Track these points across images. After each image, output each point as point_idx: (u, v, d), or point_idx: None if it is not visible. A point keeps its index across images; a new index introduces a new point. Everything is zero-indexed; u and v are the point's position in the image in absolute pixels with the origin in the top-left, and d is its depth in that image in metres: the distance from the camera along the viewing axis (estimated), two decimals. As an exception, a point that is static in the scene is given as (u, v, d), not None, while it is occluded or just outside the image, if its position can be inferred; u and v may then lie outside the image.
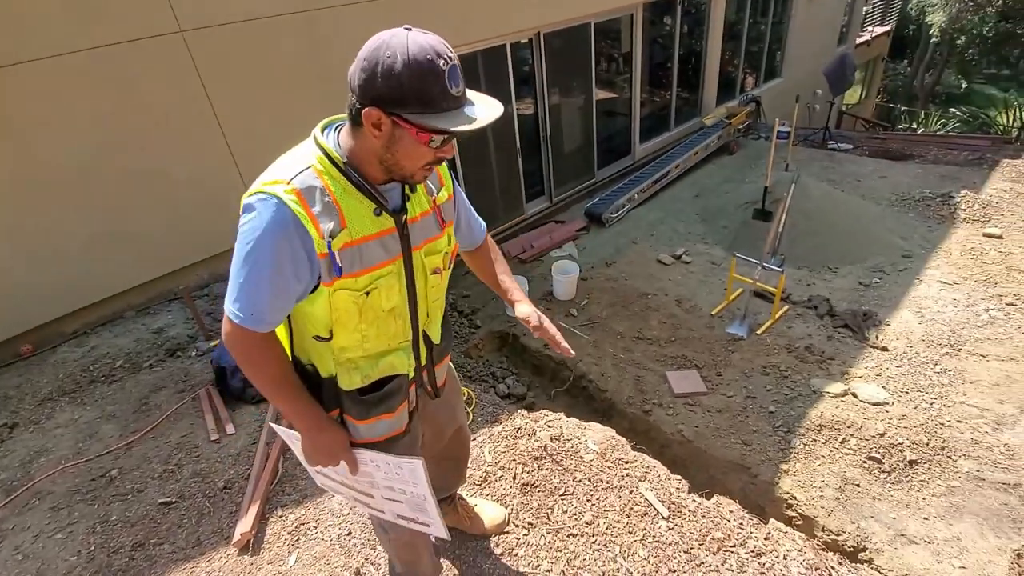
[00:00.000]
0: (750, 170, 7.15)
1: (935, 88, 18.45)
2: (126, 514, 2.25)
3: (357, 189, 1.07)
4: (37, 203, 3.20)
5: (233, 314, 1.07)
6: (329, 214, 1.04)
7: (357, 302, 1.11)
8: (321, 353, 1.20)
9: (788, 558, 1.94)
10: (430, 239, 1.22)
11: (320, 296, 1.10)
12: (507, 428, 2.54)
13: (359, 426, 1.27)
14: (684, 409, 3.55)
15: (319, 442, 1.22)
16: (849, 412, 3.29)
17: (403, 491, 1.32)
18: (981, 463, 2.93)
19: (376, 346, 1.20)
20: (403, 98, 0.95)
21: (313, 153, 1.06)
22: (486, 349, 4.53)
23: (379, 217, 1.10)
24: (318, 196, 1.03)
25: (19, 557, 2.12)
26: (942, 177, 6.39)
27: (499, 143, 5.74)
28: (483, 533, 2.01)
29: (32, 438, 2.72)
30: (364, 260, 1.09)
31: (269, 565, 2.01)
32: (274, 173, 1.05)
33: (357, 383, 1.21)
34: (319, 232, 1.03)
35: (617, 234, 5.98)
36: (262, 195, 1.02)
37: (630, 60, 6.89)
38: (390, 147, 1.02)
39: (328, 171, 1.05)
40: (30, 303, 3.33)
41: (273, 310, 1.09)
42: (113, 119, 3.29)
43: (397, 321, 1.21)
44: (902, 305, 4.31)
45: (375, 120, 0.98)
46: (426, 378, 1.39)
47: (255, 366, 1.14)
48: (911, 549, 2.60)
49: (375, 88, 0.95)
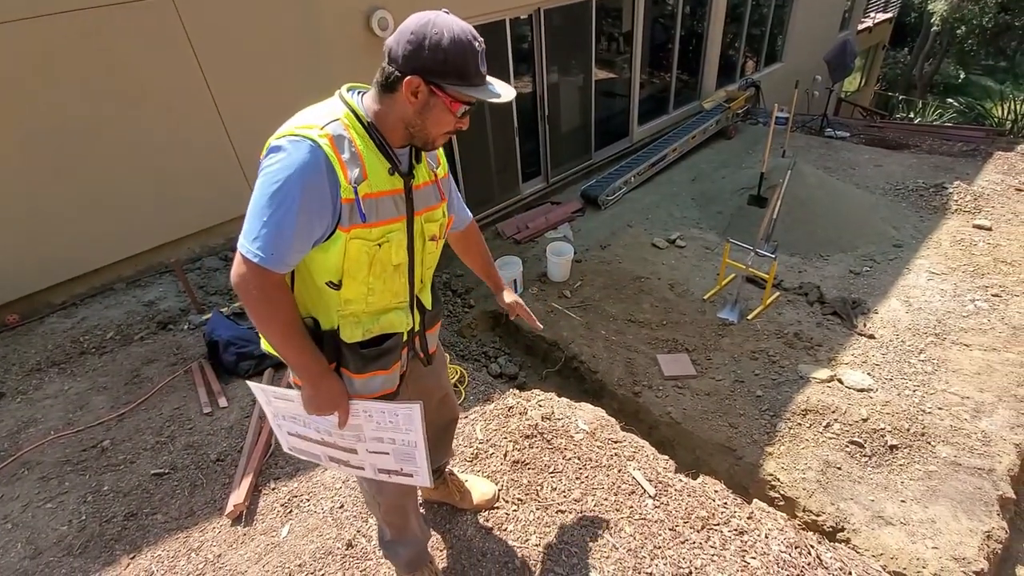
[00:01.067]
0: (747, 155, 7.14)
1: (933, 78, 18.40)
2: (118, 484, 2.27)
3: (377, 148, 1.15)
4: (22, 172, 3.13)
5: (252, 254, 1.08)
6: (355, 163, 1.11)
7: (369, 252, 1.17)
8: (326, 304, 1.23)
9: (770, 536, 2.00)
10: (430, 207, 1.30)
11: (336, 243, 1.14)
12: (499, 407, 2.57)
13: (355, 380, 1.31)
14: (673, 391, 3.60)
15: (322, 389, 1.25)
16: (834, 398, 3.35)
17: (392, 440, 1.36)
18: (958, 449, 3.01)
19: (379, 300, 1.25)
20: (445, 70, 1.07)
21: (341, 109, 1.14)
22: (479, 329, 4.54)
23: (392, 176, 1.18)
24: (347, 145, 1.10)
25: (8, 526, 2.13)
26: (936, 167, 6.42)
27: (497, 122, 5.68)
28: (473, 507, 2.05)
29: (20, 408, 2.71)
30: (380, 213, 1.16)
31: (262, 536, 2.04)
32: (306, 118, 1.11)
33: (359, 336, 1.26)
34: (346, 177, 1.09)
35: (612, 217, 5.97)
36: (294, 137, 1.07)
37: (631, 40, 6.80)
38: (422, 113, 1.12)
39: (354, 126, 1.13)
40: (15, 273, 3.28)
41: (295, 251, 1.11)
42: (101, 87, 3.20)
43: (401, 279, 1.28)
44: (891, 294, 4.36)
45: (415, 88, 1.08)
46: (419, 344, 1.46)
47: (271, 309, 1.15)
48: (887, 530, 2.68)
49: (421, 59, 1.06)
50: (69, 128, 3.19)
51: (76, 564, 1.99)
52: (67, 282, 3.48)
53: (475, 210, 5.92)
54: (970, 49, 16.81)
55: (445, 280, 5.09)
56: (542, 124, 6.15)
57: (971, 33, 15.81)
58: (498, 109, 5.62)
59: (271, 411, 1.40)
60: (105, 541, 2.06)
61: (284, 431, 1.45)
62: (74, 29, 3.03)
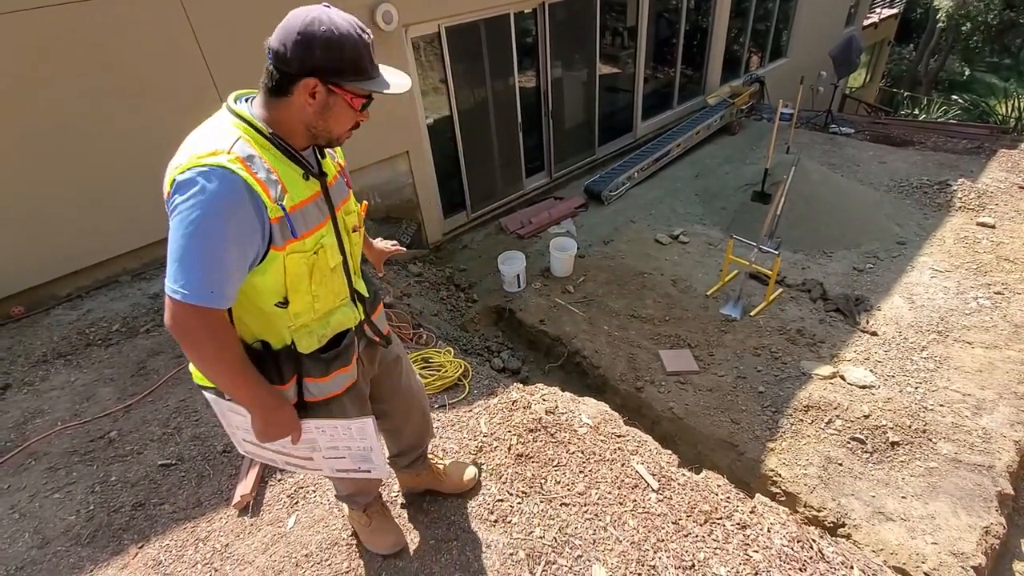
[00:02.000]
0: (751, 151, 7.13)
1: (938, 74, 18.31)
2: (126, 475, 2.28)
3: (286, 156, 1.12)
4: (25, 166, 3.14)
5: (184, 296, 1.02)
6: (271, 180, 1.08)
7: (308, 262, 1.16)
8: (274, 324, 1.21)
9: (772, 531, 2.01)
10: (344, 200, 1.30)
11: (272, 263, 1.11)
12: (503, 400, 2.58)
13: (320, 383, 1.32)
14: (675, 387, 3.61)
15: (275, 419, 1.24)
16: (836, 394, 3.37)
17: (348, 447, 1.38)
18: (959, 446, 3.02)
19: (324, 305, 1.26)
20: (341, 68, 1.04)
21: (234, 123, 1.08)
22: (482, 323, 4.56)
23: (308, 181, 1.16)
24: (259, 163, 1.06)
25: (15, 516, 2.15)
26: (940, 165, 6.41)
27: (500, 117, 5.67)
28: (457, 489, 2.07)
29: (26, 400, 2.73)
30: (308, 222, 1.15)
31: (269, 526, 2.06)
32: (207, 144, 1.03)
33: (315, 345, 1.27)
34: (269, 197, 1.06)
35: (616, 212, 5.97)
36: (202, 168, 1.00)
37: (635, 34, 6.78)
38: (323, 113, 1.09)
39: (256, 140, 1.08)
40: (20, 265, 3.29)
41: (233, 283, 1.07)
42: (102, 81, 3.20)
43: (338, 279, 1.29)
44: (894, 291, 4.37)
45: (312, 89, 1.05)
46: (369, 330, 1.47)
47: (216, 347, 1.10)
48: (888, 526, 2.70)
49: (314, 59, 1.02)
50: (71, 124, 3.19)
51: (84, 553, 2.01)
52: (72, 275, 3.49)
53: (478, 205, 5.97)
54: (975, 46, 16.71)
55: (448, 275, 5.10)
56: (546, 119, 6.14)
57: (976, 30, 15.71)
58: (502, 104, 5.61)
59: (225, 421, 1.39)
60: (113, 531, 2.08)
61: (239, 437, 1.44)
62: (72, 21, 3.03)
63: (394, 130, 4.70)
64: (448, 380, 2.70)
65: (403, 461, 1.88)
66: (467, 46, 5.04)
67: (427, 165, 5.18)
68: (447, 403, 2.59)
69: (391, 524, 1.90)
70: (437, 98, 5.11)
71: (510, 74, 5.53)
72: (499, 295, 4.72)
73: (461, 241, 5.74)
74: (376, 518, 1.85)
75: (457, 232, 5.79)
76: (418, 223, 5.29)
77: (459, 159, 5.50)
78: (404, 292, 4.14)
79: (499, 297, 4.69)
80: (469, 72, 5.20)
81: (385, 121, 4.56)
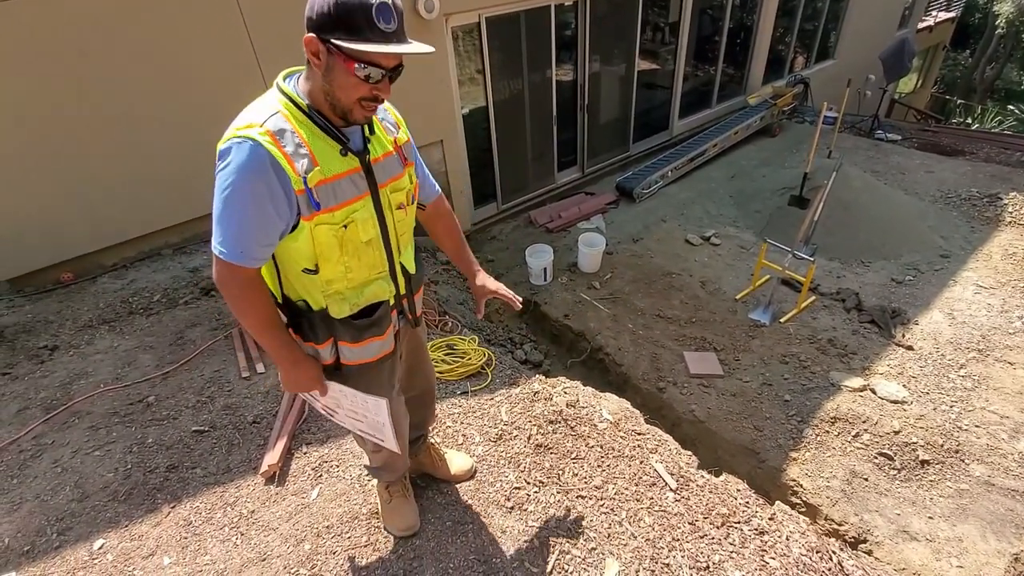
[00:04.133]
0: (790, 154, 6.94)
1: (995, 83, 17.45)
2: (161, 438, 2.39)
3: (323, 131, 1.16)
4: (80, 141, 3.28)
5: (221, 253, 1.14)
6: (301, 154, 1.12)
7: (337, 235, 1.21)
8: (309, 288, 1.29)
9: (791, 539, 1.99)
10: (394, 177, 1.31)
11: (302, 232, 1.18)
12: (525, 391, 2.60)
13: (354, 348, 1.39)
14: (698, 390, 3.57)
15: (294, 375, 1.35)
16: (866, 407, 3.28)
17: (365, 416, 1.46)
18: (993, 469, 2.92)
19: (358, 276, 1.31)
20: (332, 24, 1.02)
21: (279, 100, 1.14)
22: (506, 315, 4.58)
23: (345, 157, 1.19)
24: (289, 137, 1.11)
25: (58, 470, 2.27)
26: (992, 177, 6.13)
27: (535, 109, 5.66)
28: (450, 478, 2.11)
29: (72, 361, 2.87)
30: (338, 196, 1.19)
31: (293, 496, 2.13)
32: (246, 118, 1.12)
33: (347, 312, 1.32)
34: (294, 170, 1.11)
35: (647, 210, 5.91)
36: (237, 139, 1.08)
37: (677, 30, 6.66)
38: (327, 76, 1.09)
39: (295, 115, 1.13)
40: (72, 234, 3.45)
41: (260, 246, 1.16)
42: (153, 58, 3.32)
43: (375, 252, 1.32)
44: (933, 305, 4.22)
45: (314, 48, 1.06)
46: (407, 306, 1.52)
47: (246, 303, 1.22)
48: (912, 545, 2.63)
49: (312, 15, 1.04)
50: (126, 103, 3.32)
51: (120, 509, 2.11)
52: (118, 245, 3.64)
53: (509, 197, 5.98)
54: (1037, 54, 15.87)
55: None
56: (581, 113, 6.10)
57: (1039, 37, 14.91)
58: (537, 97, 5.59)
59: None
60: (148, 490, 2.18)
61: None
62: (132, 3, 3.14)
63: (430, 118, 4.74)
64: (472, 368, 2.73)
65: None
66: (506, 37, 5.04)
67: (460, 155, 5.21)
68: (469, 390, 2.63)
69: (409, 507, 1.93)
70: (473, 88, 5.13)
71: (547, 67, 5.50)
72: (525, 287, 4.73)
73: (490, 232, 5.76)
74: (396, 498, 1.90)
75: (487, 223, 5.82)
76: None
77: (492, 150, 5.52)
78: (431, 279, 4.19)
79: (525, 290, 4.70)
80: (506, 63, 5.20)
81: (421, 109, 4.60)
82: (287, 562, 1.89)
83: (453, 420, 2.45)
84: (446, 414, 2.48)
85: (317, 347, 1.37)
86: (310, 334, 1.35)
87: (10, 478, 2.24)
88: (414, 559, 1.87)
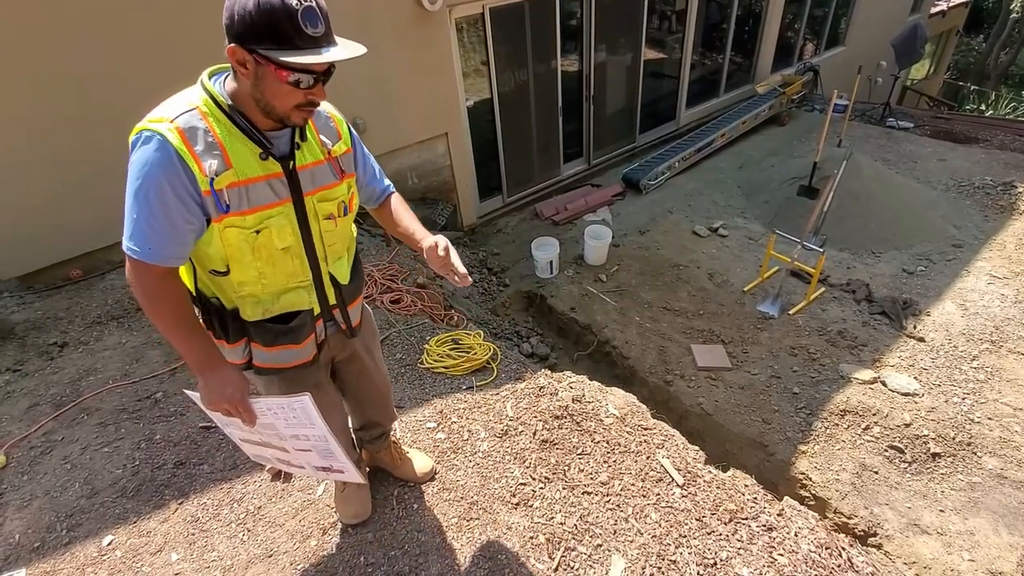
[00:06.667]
0: (799, 144, 6.85)
1: (1009, 68, 17.09)
2: (169, 434, 2.40)
3: (243, 132, 1.12)
4: (87, 138, 3.28)
5: (130, 250, 1.09)
6: (212, 154, 1.08)
7: (248, 240, 1.16)
8: (222, 287, 1.25)
9: (799, 535, 1.97)
10: (324, 187, 1.27)
11: (212, 233, 1.14)
12: (530, 386, 2.59)
13: (265, 352, 1.34)
14: (706, 383, 3.55)
15: (213, 382, 1.23)
16: (876, 400, 3.24)
17: (306, 436, 1.36)
18: (1006, 461, 2.88)
19: (274, 283, 1.26)
20: (257, 34, 0.99)
21: (199, 96, 1.10)
22: (512, 308, 4.57)
23: (265, 161, 1.15)
24: (201, 136, 1.07)
25: (68, 466, 2.29)
26: (1006, 164, 6.02)
27: (540, 101, 5.60)
28: (409, 478, 2.10)
29: (81, 357, 2.89)
30: (252, 200, 1.14)
31: (299, 492, 2.13)
32: (159, 111, 1.08)
33: (259, 315, 1.28)
34: (201, 169, 1.07)
35: (653, 202, 5.86)
36: (147, 132, 1.05)
37: (684, 18, 6.56)
38: (257, 85, 1.06)
39: (213, 113, 1.09)
40: (80, 231, 3.46)
41: (170, 244, 1.11)
42: (158, 53, 3.31)
43: (294, 261, 1.27)
44: (945, 296, 4.16)
45: (239, 58, 1.03)
46: (339, 316, 1.46)
47: (152, 301, 1.16)
48: (922, 539, 2.61)
49: (234, 26, 1.00)
50: (132, 97, 3.30)
51: (129, 505, 2.13)
52: (125, 241, 3.66)
53: (514, 189, 5.94)
54: (1053, 38, 15.52)
55: (481, 258, 5.12)
56: (586, 104, 6.04)
57: (1057, 20, 14.57)
58: (543, 88, 5.54)
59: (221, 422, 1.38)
60: (156, 486, 2.19)
61: (237, 439, 1.45)
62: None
63: (434, 112, 4.70)
64: (477, 362, 2.72)
65: (365, 436, 1.93)
66: (511, 28, 4.98)
67: (465, 147, 5.18)
68: (475, 385, 2.62)
69: (360, 496, 1.94)
70: (478, 80, 5.09)
71: (552, 57, 5.44)
72: (531, 280, 4.71)
73: (495, 225, 5.74)
74: (349, 486, 1.90)
75: (492, 216, 5.79)
76: (454, 205, 5.31)
77: (497, 142, 5.48)
78: (437, 274, 4.18)
79: (531, 283, 4.68)
80: (511, 54, 5.14)
81: (426, 102, 4.57)
82: (293, 558, 1.89)
83: (458, 416, 2.44)
84: (451, 409, 2.48)
85: (228, 346, 1.32)
86: (221, 332, 1.30)
87: (21, 474, 2.26)
88: (419, 555, 1.87)
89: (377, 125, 4.33)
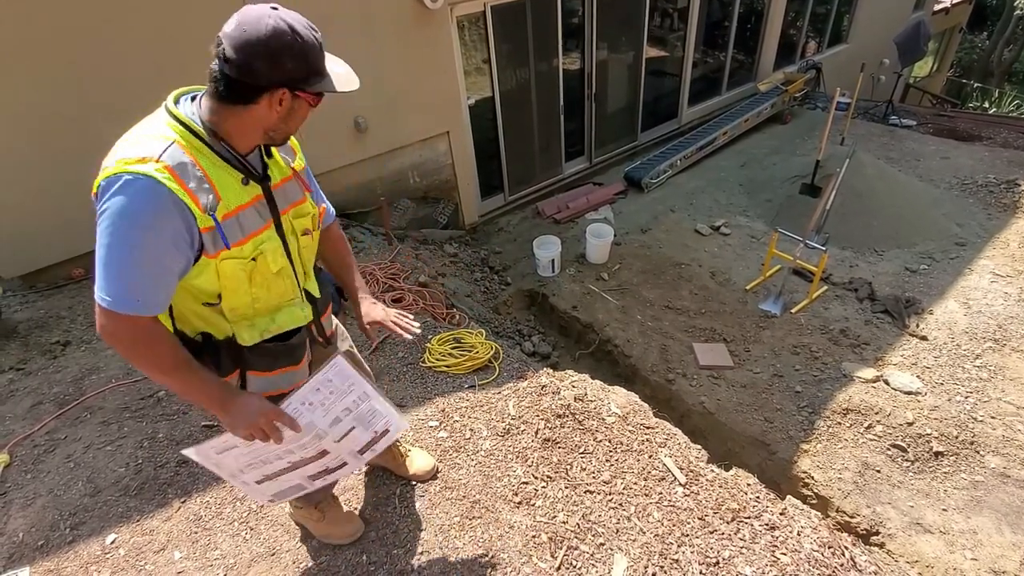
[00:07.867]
0: (802, 142, 6.83)
1: (1013, 65, 17.02)
2: (172, 433, 2.41)
3: (225, 160, 1.09)
4: (88, 137, 3.27)
5: (107, 303, 1.00)
6: (203, 188, 1.04)
7: (246, 269, 1.14)
8: (210, 319, 1.20)
9: (802, 534, 1.97)
10: (296, 203, 1.27)
11: (205, 268, 1.09)
12: (532, 385, 2.59)
13: (262, 379, 1.30)
14: (708, 381, 3.55)
15: (236, 408, 1.16)
16: (878, 399, 3.24)
17: (347, 409, 1.31)
18: (1009, 460, 2.87)
19: (267, 305, 1.24)
20: (308, 74, 1.04)
21: (169, 125, 1.04)
22: (514, 307, 4.56)
23: (247, 186, 1.13)
24: (190, 171, 1.03)
25: (71, 465, 2.29)
26: (1010, 163, 6.00)
27: (542, 99, 5.59)
28: (409, 477, 2.09)
29: (84, 356, 2.89)
30: (244, 228, 1.12)
31: (301, 492, 2.14)
32: (137, 151, 0.99)
33: (256, 338, 1.24)
34: (199, 207, 1.03)
35: (655, 200, 5.85)
36: (128, 175, 0.96)
37: (686, 16, 6.55)
38: (287, 118, 1.09)
39: (191, 144, 1.04)
40: (81, 230, 3.44)
41: (161, 292, 1.05)
42: (158, 52, 3.30)
43: (286, 281, 1.26)
44: (948, 294, 4.14)
45: (281, 98, 1.04)
46: (316, 331, 1.45)
47: (147, 354, 1.08)
48: (925, 537, 2.60)
49: (284, 71, 1.00)
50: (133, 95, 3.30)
51: (132, 504, 2.13)
52: (127, 240, 3.66)
53: (516, 188, 5.94)
54: (1058, 35, 15.45)
55: (483, 257, 5.12)
56: (588, 103, 6.03)
57: (1061, 17, 14.50)
58: (544, 86, 5.53)
59: (225, 473, 1.31)
60: (159, 485, 2.20)
61: (252, 485, 1.37)
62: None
63: (435, 110, 4.70)
64: (479, 361, 2.72)
65: None
66: (512, 26, 4.97)
67: (467, 146, 5.17)
68: (477, 384, 2.62)
69: (344, 514, 1.92)
70: (479, 78, 5.08)
71: (554, 56, 5.43)
72: (533, 279, 4.71)
73: (497, 223, 5.73)
74: (329, 511, 1.85)
75: (493, 214, 5.79)
76: (455, 204, 5.30)
77: (499, 141, 5.47)
78: (439, 272, 4.18)
79: (533, 281, 4.68)
80: (513, 53, 5.13)
81: (427, 101, 4.56)
82: (296, 556, 1.90)
83: (460, 414, 2.44)
84: (453, 408, 2.48)
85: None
86: (212, 367, 1.22)
87: (24, 473, 2.26)
88: (421, 554, 1.87)
89: (378, 124, 4.32)
